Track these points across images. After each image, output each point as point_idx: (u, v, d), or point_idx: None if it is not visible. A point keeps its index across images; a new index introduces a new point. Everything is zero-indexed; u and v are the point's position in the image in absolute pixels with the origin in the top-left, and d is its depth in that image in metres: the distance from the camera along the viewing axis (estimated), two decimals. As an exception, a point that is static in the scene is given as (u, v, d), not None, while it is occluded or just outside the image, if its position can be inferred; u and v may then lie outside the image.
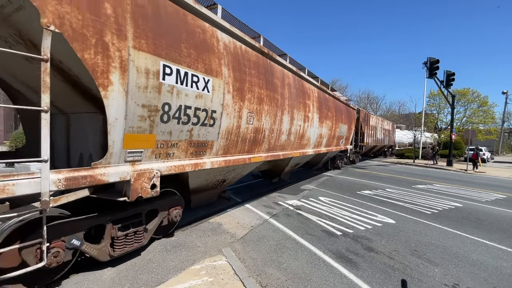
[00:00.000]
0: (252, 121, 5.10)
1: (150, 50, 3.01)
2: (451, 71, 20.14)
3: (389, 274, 3.48)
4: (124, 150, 2.99)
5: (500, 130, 39.31)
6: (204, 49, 3.79)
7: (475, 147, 20.10)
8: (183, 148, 3.78)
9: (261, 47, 5.38)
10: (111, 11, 2.66)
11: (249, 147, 5.31)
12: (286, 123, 6.44)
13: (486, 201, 8.22)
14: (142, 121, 3.08)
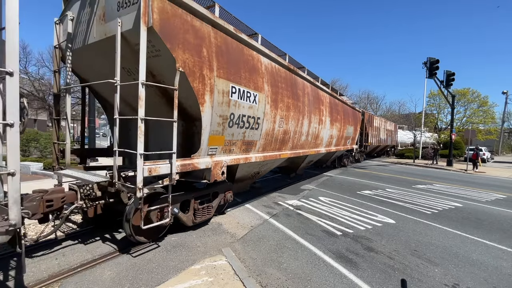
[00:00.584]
0: (282, 125, 6.39)
1: (225, 77, 4.32)
2: (451, 71, 20.15)
3: (389, 274, 3.48)
4: (207, 147, 4.34)
5: (500, 130, 39.31)
6: (253, 71, 5.09)
7: (475, 147, 20.10)
8: (238, 146, 5.14)
9: (288, 65, 6.71)
10: (206, 53, 3.95)
11: (279, 146, 6.65)
12: (305, 125, 7.74)
13: (486, 201, 8.22)
14: (218, 126, 4.39)
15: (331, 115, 9.98)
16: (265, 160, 6.17)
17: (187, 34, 3.64)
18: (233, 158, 5.01)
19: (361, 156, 19.11)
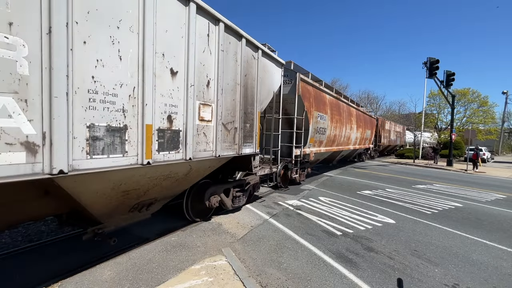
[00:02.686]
0: (334, 132, 11.20)
1: (316, 109, 9.12)
2: (451, 71, 20.15)
3: (389, 274, 3.48)
4: (309, 143, 8.89)
5: (500, 130, 39.31)
6: (324, 104, 10.04)
7: (475, 147, 20.09)
8: (316, 143, 9.70)
9: (336, 95, 11.90)
10: (312, 100, 8.93)
11: (331, 143, 11.45)
12: (343, 131, 12.44)
13: (486, 201, 8.22)
14: (312, 133, 9.03)
15: (357, 123, 14.56)
16: (326, 152, 11.21)
17: (307, 93, 8.58)
18: (316, 149, 9.89)
19: (375, 154, 23.55)
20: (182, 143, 3.53)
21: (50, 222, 4.87)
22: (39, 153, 2.13)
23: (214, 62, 4.05)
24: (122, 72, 2.71)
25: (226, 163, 4.96)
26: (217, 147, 4.21)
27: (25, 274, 3.24)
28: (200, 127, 3.86)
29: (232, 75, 4.53)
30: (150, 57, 2.95)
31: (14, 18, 1.97)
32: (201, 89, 3.85)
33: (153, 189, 3.61)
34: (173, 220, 5.13)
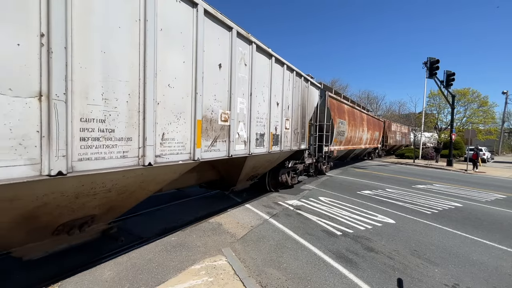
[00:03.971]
0: (350, 134, 13.71)
1: (338, 117, 11.86)
2: (451, 71, 20.16)
3: (389, 274, 3.48)
4: (334, 143, 11.54)
5: (500, 130, 39.30)
6: (343, 112, 12.69)
7: (475, 147, 20.10)
8: (338, 142, 12.18)
9: (351, 104, 14.49)
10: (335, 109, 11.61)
11: (348, 143, 13.89)
12: (357, 133, 15.07)
13: (486, 201, 8.22)
14: (336, 135, 11.48)
15: (367, 126, 17.25)
16: (344, 149, 13.75)
17: (332, 105, 11.10)
18: (337, 147, 12.27)
19: (382, 153, 25.87)
20: (279, 141, 6.31)
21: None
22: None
23: (291, 94, 6.77)
24: (263, 107, 5.49)
25: (291, 155, 7.87)
26: (291, 144, 7.02)
27: (25, 274, 3.24)
28: (284, 133, 6.53)
29: (296, 100, 7.18)
30: (272, 98, 5.74)
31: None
32: (286, 110, 6.55)
33: (264, 165, 6.70)
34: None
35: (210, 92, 3.89)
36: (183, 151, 3.47)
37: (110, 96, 2.57)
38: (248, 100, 4.86)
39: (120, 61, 2.64)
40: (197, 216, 5.58)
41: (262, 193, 7.64)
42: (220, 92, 4.13)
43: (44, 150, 2.11)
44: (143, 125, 2.88)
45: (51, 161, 2.13)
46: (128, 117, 2.74)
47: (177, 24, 3.27)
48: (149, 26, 2.86)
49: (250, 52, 4.81)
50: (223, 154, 4.30)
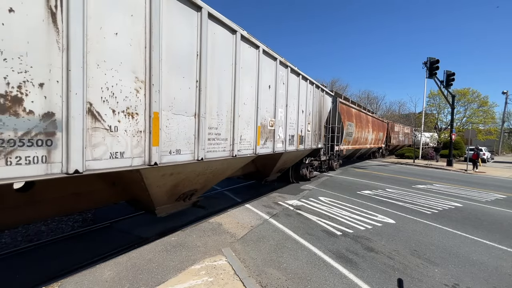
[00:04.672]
0: (357, 134, 15.20)
1: (347, 120, 13.25)
2: (451, 71, 20.15)
3: (389, 274, 3.48)
4: (343, 143, 12.99)
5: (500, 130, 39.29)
6: (351, 115, 14.11)
7: (475, 147, 20.09)
8: (346, 142, 13.59)
9: (358, 108, 16.22)
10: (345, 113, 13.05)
11: (355, 143, 15.36)
12: (363, 134, 16.35)
13: (486, 201, 8.22)
14: (345, 136, 12.96)
15: (372, 127, 18.74)
16: (352, 149, 15.20)
17: (342, 110, 12.39)
18: (346, 147, 13.70)
19: (386, 152, 26.97)
20: (304, 141, 7.92)
21: (50, 222, 4.87)
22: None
23: (311, 103, 8.38)
24: (293, 114, 7.01)
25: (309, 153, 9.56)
26: (311, 143, 8.70)
27: (25, 274, 3.25)
28: (307, 134, 8.16)
29: (315, 107, 8.79)
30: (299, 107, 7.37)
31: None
32: (308, 116, 8.13)
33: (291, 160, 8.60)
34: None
35: (264, 106, 5.55)
36: (249, 148, 5.16)
37: (220, 113, 4.27)
38: (285, 110, 6.53)
39: (225, 90, 4.34)
40: (197, 216, 5.58)
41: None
42: (269, 105, 5.80)
43: (196, 146, 3.76)
44: (232, 131, 4.56)
45: (199, 152, 3.81)
46: (226, 125, 4.42)
47: (248, 62, 4.92)
48: (237, 67, 4.56)
49: (286, 74, 6.50)
50: (270, 151, 5.95)
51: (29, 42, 2.08)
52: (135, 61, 2.88)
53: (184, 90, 3.54)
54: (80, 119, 2.38)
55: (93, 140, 2.51)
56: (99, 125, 2.57)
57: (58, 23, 2.22)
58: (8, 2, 1.97)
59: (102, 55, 2.56)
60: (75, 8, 2.30)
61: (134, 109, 2.90)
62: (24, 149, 2.07)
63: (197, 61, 3.71)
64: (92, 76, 2.49)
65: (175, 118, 3.45)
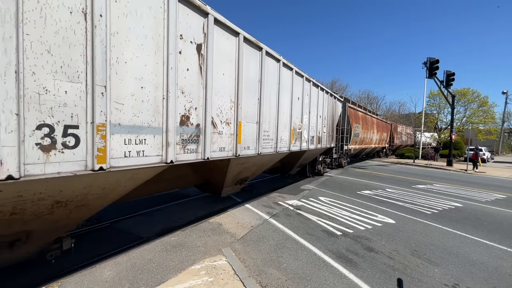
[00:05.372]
0: (363, 135, 16.54)
1: (355, 122, 14.65)
2: (451, 71, 20.15)
3: (389, 274, 3.48)
4: (351, 143, 14.43)
5: (500, 130, 39.28)
6: (358, 118, 15.48)
7: (475, 147, 20.08)
8: (354, 142, 14.96)
9: (365, 111, 18.02)
10: (353, 116, 14.36)
11: (361, 143, 16.66)
12: (368, 134, 17.45)
13: (486, 201, 8.22)
14: (352, 136, 14.36)
15: (377, 128, 20.11)
16: (358, 148, 16.41)
17: (350, 113, 13.63)
18: (353, 146, 15.07)
19: (389, 151, 28.04)
20: (321, 141, 9.46)
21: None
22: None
23: (327, 109, 9.95)
24: (314, 119, 8.57)
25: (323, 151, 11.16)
26: (326, 143, 10.17)
27: (25, 273, 3.24)
28: (323, 135, 9.69)
29: (329, 112, 10.44)
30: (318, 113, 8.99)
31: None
32: (324, 120, 9.69)
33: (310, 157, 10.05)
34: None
35: (294, 113, 7.15)
36: (286, 146, 6.74)
37: (269, 120, 5.85)
38: (308, 116, 8.14)
39: (272, 104, 5.95)
40: (197, 216, 5.58)
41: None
42: (298, 113, 7.40)
43: (257, 144, 5.38)
44: (276, 133, 6.15)
45: (259, 149, 5.44)
46: (273, 129, 6.02)
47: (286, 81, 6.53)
48: (280, 86, 6.16)
49: (309, 87, 8.09)
50: (298, 148, 7.55)
51: (193, 85, 3.76)
52: (230, 89, 4.56)
53: (251, 106, 5.16)
54: (209, 127, 4.06)
55: (212, 140, 4.19)
56: (215, 130, 4.25)
57: (203, 74, 3.93)
58: (186, 65, 3.63)
59: (217, 88, 4.26)
60: (210, 65, 4.01)
61: (229, 120, 4.58)
62: (190, 144, 3.75)
63: (259, 85, 5.32)
64: (213, 101, 4.16)
65: (247, 125, 5.08)
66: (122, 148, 2.81)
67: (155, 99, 3.16)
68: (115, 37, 2.71)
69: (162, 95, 3.24)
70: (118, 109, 2.77)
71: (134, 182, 3.29)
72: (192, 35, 3.65)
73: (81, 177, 2.50)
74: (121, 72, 2.78)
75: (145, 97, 3.05)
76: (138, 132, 2.97)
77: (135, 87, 2.93)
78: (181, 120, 3.57)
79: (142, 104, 3.01)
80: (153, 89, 3.13)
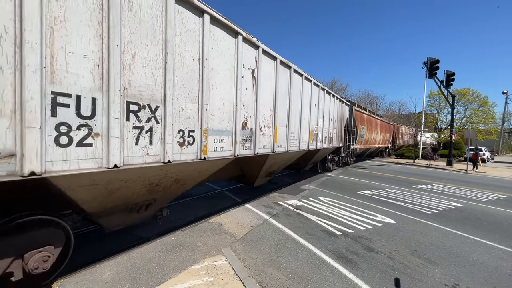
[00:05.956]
0: (368, 136, 17.74)
1: (361, 123, 15.79)
2: (451, 71, 20.14)
3: (389, 274, 3.48)
4: (357, 143, 15.45)
5: (500, 130, 39.27)
6: (363, 120, 16.52)
7: (475, 147, 20.08)
8: (359, 142, 15.96)
9: (369, 113, 18.80)
10: (359, 119, 15.40)
11: (366, 143, 17.66)
12: (372, 135, 18.82)
13: (486, 201, 8.22)
14: (358, 137, 15.37)
15: (380, 129, 21.27)
16: (363, 148, 17.58)
17: (356, 116, 14.72)
18: (359, 146, 16.07)
19: (392, 151, 28.97)
20: (332, 141, 10.85)
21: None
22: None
23: (337, 113, 11.28)
24: (326, 122, 9.97)
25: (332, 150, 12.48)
26: (336, 142, 11.50)
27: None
28: (334, 136, 11.11)
29: (338, 115, 11.74)
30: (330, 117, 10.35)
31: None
32: (334, 122, 10.92)
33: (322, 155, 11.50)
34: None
35: (313, 118, 8.40)
36: (305, 145, 7.97)
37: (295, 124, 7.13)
38: (322, 119, 9.41)
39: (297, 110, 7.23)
40: (197, 216, 5.58)
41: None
42: (314, 117, 8.58)
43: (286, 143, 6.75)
44: (300, 133, 7.39)
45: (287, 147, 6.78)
46: (297, 131, 7.27)
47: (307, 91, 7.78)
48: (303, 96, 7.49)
49: (324, 95, 9.41)
50: (314, 147, 8.75)
51: (249, 100, 5.06)
52: (270, 101, 5.88)
53: (283, 113, 6.49)
54: (258, 130, 5.37)
55: (259, 140, 5.47)
56: (261, 133, 5.53)
57: (254, 91, 5.23)
58: (245, 85, 4.92)
59: (262, 100, 5.53)
60: (259, 84, 5.31)
61: (269, 124, 5.90)
62: (246, 143, 5.05)
63: (288, 96, 6.67)
64: (260, 111, 5.43)
65: (280, 128, 6.41)
66: (212, 145, 4.19)
67: (229, 111, 4.55)
68: (211, 72, 4.05)
69: (233, 108, 4.63)
70: (212, 119, 4.14)
71: (213, 169, 4.72)
72: (249, 63, 4.98)
73: (193, 163, 3.86)
74: (213, 94, 4.13)
75: (225, 110, 4.44)
76: (220, 134, 4.35)
77: (220, 104, 4.30)
78: (242, 125, 4.90)
79: (223, 115, 4.39)
80: (228, 104, 4.51)
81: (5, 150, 2.05)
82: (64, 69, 2.36)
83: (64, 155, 2.39)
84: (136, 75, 2.94)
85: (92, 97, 2.55)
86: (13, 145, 2.09)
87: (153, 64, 3.12)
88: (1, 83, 2.02)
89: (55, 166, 2.33)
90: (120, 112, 2.77)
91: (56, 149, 2.33)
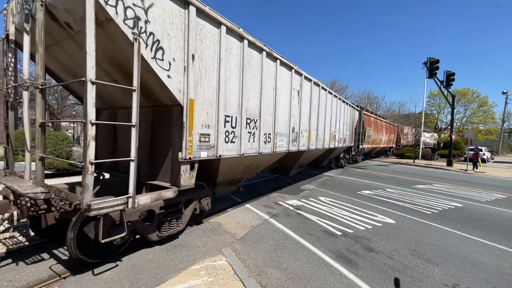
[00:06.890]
0: (374, 136, 19.41)
1: (368, 126, 17.54)
2: (451, 71, 20.15)
3: (389, 274, 3.48)
4: (365, 143, 17.09)
5: (500, 130, 39.26)
6: (371, 122, 18.33)
7: (475, 147, 20.09)
8: (366, 142, 17.52)
9: (375, 115, 20.80)
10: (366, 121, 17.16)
11: (372, 143, 19.38)
12: (378, 136, 20.62)
13: (486, 201, 8.22)
14: (366, 138, 17.19)
15: (386, 130, 22.82)
16: (371, 147, 19.53)
17: (364, 119, 16.30)
18: (367, 146, 17.86)
19: (396, 151, 29.82)
20: (345, 141, 13.00)
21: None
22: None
23: (348, 117, 13.16)
24: (341, 125, 11.98)
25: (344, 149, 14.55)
26: (348, 142, 13.53)
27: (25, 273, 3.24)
28: (346, 136, 13.10)
29: (349, 119, 13.53)
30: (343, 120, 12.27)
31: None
32: (346, 125, 12.78)
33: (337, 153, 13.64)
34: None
35: (332, 124, 10.33)
36: (326, 144, 9.78)
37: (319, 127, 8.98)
38: (339, 123, 11.26)
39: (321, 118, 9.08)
40: (197, 216, 5.58)
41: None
42: (333, 122, 10.39)
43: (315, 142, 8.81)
44: (324, 135, 9.44)
45: (316, 145, 8.88)
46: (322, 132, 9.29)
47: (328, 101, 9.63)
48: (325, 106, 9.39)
49: (340, 103, 11.36)
50: (333, 146, 10.63)
51: (296, 111, 7.15)
52: (307, 112, 7.88)
53: (314, 120, 8.35)
54: (300, 133, 7.38)
55: (300, 139, 7.40)
56: (301, 135, 7.46)
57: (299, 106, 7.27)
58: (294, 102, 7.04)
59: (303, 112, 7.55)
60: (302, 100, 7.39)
61: (306, 129, 7.78)
62: (294, 142, 7.06)
63: (317, 107, 8.54)
64: (302, 119, 7.50)
65: (312, 131, 8.24)
66: (278, 143, 6.15)
67: (286, 120, 6.50)
68: (279, 96, 6.03)
69: (288, 118, 6.58)
70: (278, 125, 6.08)
71: (273, 159, 6.77)
72: (296, 87, 6.91)
73: (268, 155, 5.87)
74: (279, 109, 6.08)
75: (284, 119, 6.39)
76: (282, 136, 6.32)
77: (282, 115, 6.27)
78: (292, 129, 6.81)
79: (283, 123, 6.36)
80: (286, 115, 6.46)
81: (211, 144, 4.16)
82: (228, 103, 4.52)
83: (226, 147, 4.50)
84: (249, 103, 5.03)
85: (235, 117, 4.69)
86: (214, 141, 4.23)
87: (256, 95, 5.27)
88: (212, 113, 4.17)
89: (224, 152, 4.46)
90: (244, 124, 4.89)
91: (225, 144, 4.46)
